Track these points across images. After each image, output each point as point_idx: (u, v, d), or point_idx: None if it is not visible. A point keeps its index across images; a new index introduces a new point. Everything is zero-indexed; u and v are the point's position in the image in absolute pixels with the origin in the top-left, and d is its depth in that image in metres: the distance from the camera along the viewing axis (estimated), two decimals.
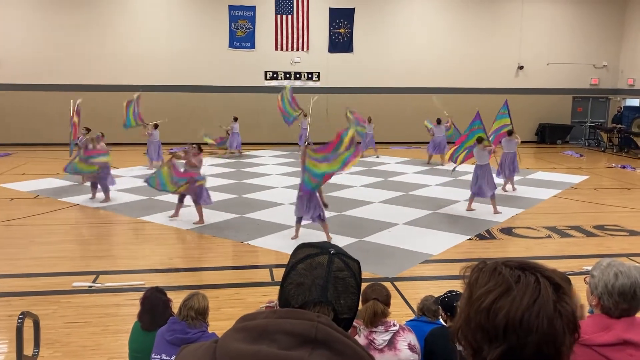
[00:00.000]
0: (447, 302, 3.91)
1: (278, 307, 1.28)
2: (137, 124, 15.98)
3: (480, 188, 10.75)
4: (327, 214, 10.57)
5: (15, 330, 4.41)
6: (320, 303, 1.25)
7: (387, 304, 3.59)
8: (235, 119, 18.23)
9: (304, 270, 1.29)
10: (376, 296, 3.52)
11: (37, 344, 4.81)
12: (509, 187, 13.07)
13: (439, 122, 16.75)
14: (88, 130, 13.27)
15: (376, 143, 18.28)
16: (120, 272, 7.56)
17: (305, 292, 1.26)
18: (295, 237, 8.89)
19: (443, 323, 4.13)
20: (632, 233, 9.67)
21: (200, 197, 9.91)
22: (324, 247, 1.34)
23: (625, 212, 11.23)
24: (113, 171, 14.76)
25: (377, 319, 3.45)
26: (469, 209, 10.97)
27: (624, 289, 2.32)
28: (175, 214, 10.30)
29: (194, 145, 10.52)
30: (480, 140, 10.90)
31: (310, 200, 8.65)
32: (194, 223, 9.89)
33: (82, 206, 11.29)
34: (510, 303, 1.08)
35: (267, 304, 2.88)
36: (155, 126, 15.97)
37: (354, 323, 1.37)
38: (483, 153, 10.81)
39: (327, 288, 1.27)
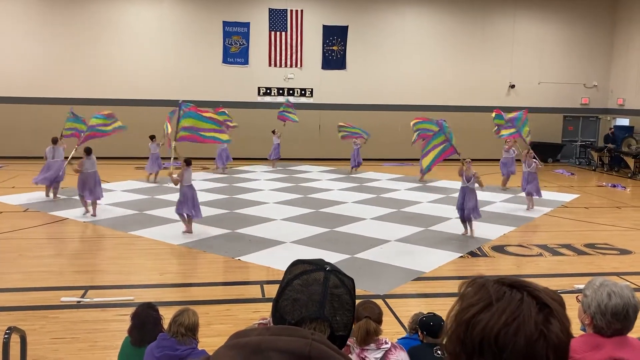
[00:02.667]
0: (425, 322, 3.93)
1: (271, 324, 1.26)
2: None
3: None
4: (318, 230, 10.59)
5: (1, 345, 4.34)
6: (317, 319, 1.24)
7: (379, 321, 3.56)
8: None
9: (300, 287, 1.28)
10: (368, 314, 3.50)
11: None
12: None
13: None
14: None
15: (368, 159, 18.33)
16: (110, 287, 7.48)
17: (301, 308, 1.25)
18: (188, 231, 10.12)
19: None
20: (623, 252, 9.71)
21: (93, 193, 11.40)
22: (319, 264, 1.33)
23: (615, 230, 11.29)
24: (104, 185, 14.73)
25: (370, 337, 3.42)
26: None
27: (617, 310, 2.32)
28: (86, 210, 11.43)
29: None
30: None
31: (193, 199, 10.11)
32: (91, 215, 11.30)
33: (72, 220, 11.20)
34: (488, 319, 1.06)
35: (260, 321, 2.85)
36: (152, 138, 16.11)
37: (347, 341, 1.35)
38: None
39: (323, 304, 1.26)
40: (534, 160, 12.91)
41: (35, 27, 20.12)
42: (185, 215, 10.13)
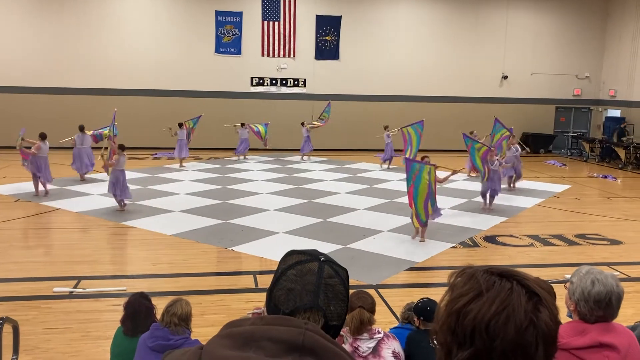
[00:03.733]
0: (421, 307, 3.94)
1: (265, 314, 1.27)
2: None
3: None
4: (312, 220, 10.60)
5: None
6: (311, 309, 1.25)
7: (373, 311, 3.58)
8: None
9: (294, 276, 1.29)
10: (362, 304, 3.52)
11: (16, 350, 4.73)
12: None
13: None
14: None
15: (361, 150, 18.35)
16: (102, 277, 7.48)
17: (296, 298, 1.26)
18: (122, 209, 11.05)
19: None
20: (613, 242, 9.79)
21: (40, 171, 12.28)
22: (313, 254, 1.34)
23: (606, 221, 11.37)
24: (97, 175, 14.69)
25: (363, 327, 3.44)
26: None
27: (599, 297, 2.38)
28: (37, 192, 12.32)
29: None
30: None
31: (123, 182, 10.98)
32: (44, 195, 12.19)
33: (64, 210, 11.15)
34: (478, 308, 1.08)
35: (254, 311, 2.86)
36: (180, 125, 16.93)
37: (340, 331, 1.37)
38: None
39: (318, 294, 1.27)
40: (497, 158, 12.23)
41: (28, 17, 19.90)
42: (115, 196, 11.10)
